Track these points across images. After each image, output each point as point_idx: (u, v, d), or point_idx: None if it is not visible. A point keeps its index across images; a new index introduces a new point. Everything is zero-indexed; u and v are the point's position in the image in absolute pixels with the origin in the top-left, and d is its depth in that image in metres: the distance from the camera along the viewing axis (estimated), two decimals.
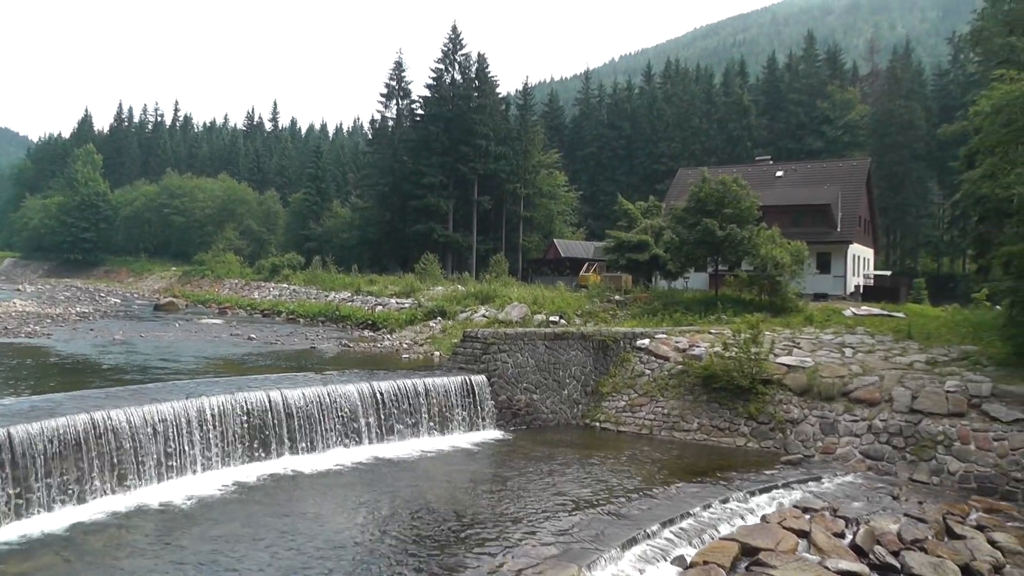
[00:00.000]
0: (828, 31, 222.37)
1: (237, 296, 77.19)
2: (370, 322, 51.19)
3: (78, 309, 59.61)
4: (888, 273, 63.19)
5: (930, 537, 15.48)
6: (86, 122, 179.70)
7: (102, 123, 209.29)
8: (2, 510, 13.25)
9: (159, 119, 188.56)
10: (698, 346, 26.60)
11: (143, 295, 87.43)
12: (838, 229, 50.30)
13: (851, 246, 50.41)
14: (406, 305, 52.98)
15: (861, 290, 48.88)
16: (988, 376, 21.49)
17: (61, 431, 14.19)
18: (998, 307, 26.86)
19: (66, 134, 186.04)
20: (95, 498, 14.56)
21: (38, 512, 13.60)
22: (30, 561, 11.88)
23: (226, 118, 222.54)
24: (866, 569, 13.92)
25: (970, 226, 45.08)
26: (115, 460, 15.00)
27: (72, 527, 13.38)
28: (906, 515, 16.59)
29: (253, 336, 43.18)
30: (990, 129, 23.67)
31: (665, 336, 28.25)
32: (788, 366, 24.16)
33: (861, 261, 55.05)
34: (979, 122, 24.30)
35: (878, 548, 14.73)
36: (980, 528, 16.32)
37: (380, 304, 56.18)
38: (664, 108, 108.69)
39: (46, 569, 11.63)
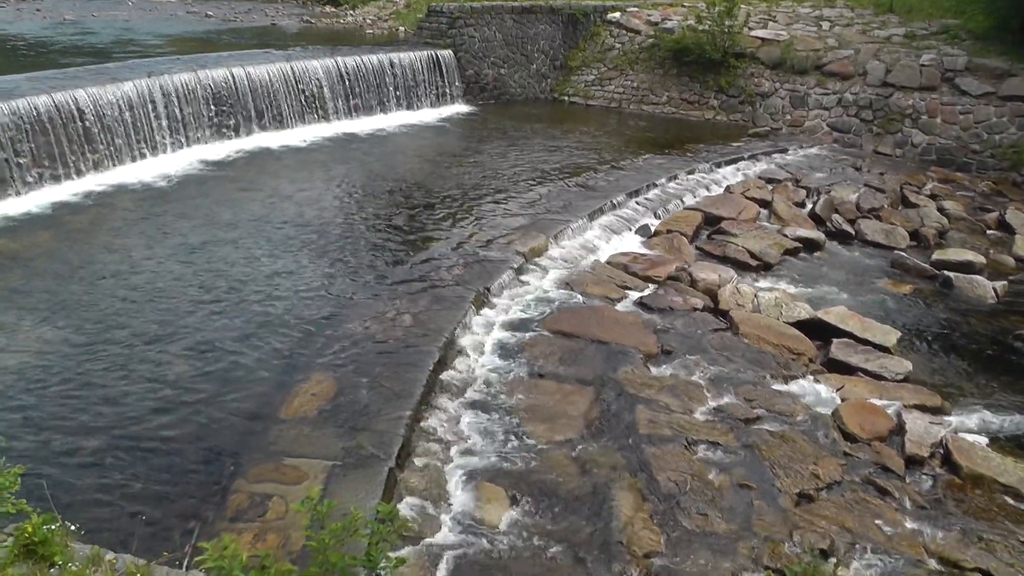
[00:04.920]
0: None
1: None
2: None
3: None
4: None
5: (886, 206, 16.18)
6: None
7: None
8: None
9: None
10: (670, 19, 25.84)
11: None
12: None
13: None
14: None
15: None
16: (965, 50, 21.28)
17: (23, 111, 13.88)
18: None
19: None
20: (71, 179, 14.53)
21: (15, 194, 13.62)
22: (18, 241, 12.01)
23: None
24: (823, 236, 14.65)
25: None
26: (85, 140, 14.85)
27: (53, 207, 13.45)
28: (866, 185, 17.21)
29: (210, 13, 41.19)
30: None
31: (637, 9, 27.31)
32: (762, 39, 23.70)
33: None
34: None
35: (836, 216, 15.41)
36: (933, 197, 17.05)
37: None
38: None
39: (37, 247, 11.80)
